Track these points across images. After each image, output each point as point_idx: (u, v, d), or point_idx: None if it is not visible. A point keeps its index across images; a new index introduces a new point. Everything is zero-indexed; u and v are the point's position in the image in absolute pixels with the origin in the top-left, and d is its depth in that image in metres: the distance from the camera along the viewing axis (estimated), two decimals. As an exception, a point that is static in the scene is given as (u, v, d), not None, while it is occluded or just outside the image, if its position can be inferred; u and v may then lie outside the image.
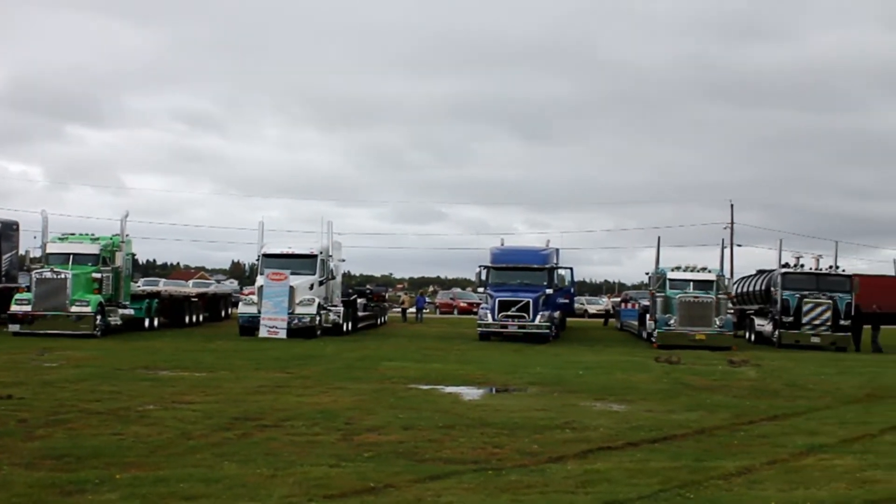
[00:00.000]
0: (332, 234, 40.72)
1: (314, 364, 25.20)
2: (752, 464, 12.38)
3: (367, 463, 11.92)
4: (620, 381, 22.64)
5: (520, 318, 37.60)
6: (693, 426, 15.65)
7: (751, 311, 45.08)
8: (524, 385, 21.68)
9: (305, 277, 37.95)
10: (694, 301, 36.81)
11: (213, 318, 47.17)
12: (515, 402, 19.04)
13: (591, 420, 16.01)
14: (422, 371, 24.04)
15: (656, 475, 11.50)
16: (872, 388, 22.82)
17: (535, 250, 42.90)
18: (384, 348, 32.18)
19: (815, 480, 11.45)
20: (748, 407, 18.44)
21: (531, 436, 14.23)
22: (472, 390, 20.73)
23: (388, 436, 14.01)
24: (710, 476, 11.49)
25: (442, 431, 14.47)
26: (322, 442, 13.38)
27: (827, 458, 12.97)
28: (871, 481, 11.47)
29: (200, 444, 13.01)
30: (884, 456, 13.30)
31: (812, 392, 21.56)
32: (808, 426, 16.11)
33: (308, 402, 17.43)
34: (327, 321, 38.33)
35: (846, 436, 15.07)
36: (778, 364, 29.22)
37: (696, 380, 23.49)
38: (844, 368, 28.07)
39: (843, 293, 39.30)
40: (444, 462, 12.10)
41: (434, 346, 34.15)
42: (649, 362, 28.54)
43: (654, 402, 18.98)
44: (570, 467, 11.89)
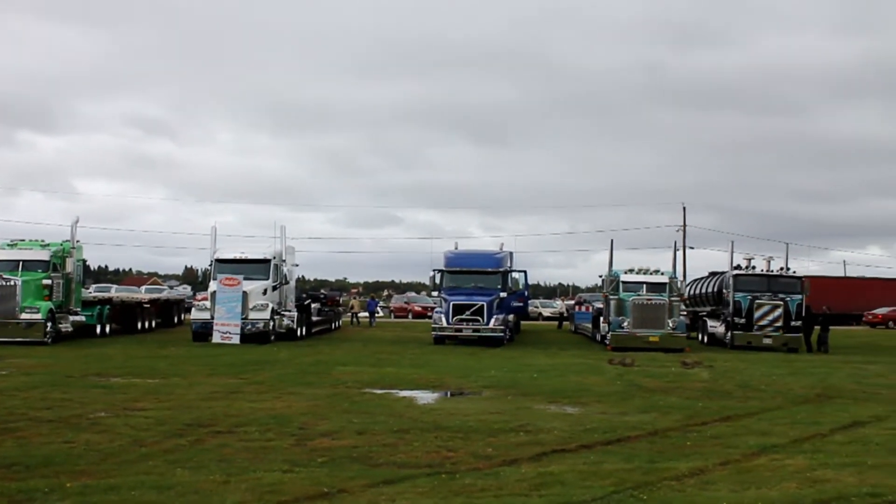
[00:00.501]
0: (285, 239, 40.56)
1: (268, 369, 25.08)
2: (705, 464, 12.45)
3: (320, 468, 11.87)
4: (574, 384, 22.71)
5: (474, 321, 37.61)
6: (646, 428, 15.72)
7: (703, 312, 45.39)
8: (479, 388, 21.69)
9: (259, 282, 37.73)
10: (647, 303, 36.98)
11: (166, 324, 46.84)
12: (470, 405, 19.02)
13: (545, 423, 16.04)
14: (376, 375, 24.00)
15: (610, 477, 11.53)
16: (823, 388, 23.04)
17: (489, 254, 42.97)
18: (338, 353, 32.08)
19: (766, 480, 11.54)
20: (701, 408, 18.57)
21: (485, 439, 14.24)
22: (427, 394, 20.71)
23: (342, 440, 13.96)
24: (663, 477, 11.54)
25: (396, 436, 14.43)
26: (275, 447, 13.30)
27: (778, 458, 13.07)
28: (822, 480, 11.57)
29: (152, 451, 12.89)
30: (834, 455, 13.42)
31: (764, 393, 21.74)
32: (760, 427, 16.24)
33: (261, 408, 17.33)
34: (281, 326, 38.15)
35: (797, 436, 15.21)
36: (730, 365, 29.44)
37: (649, 382, 23.61)
38: (796, 369, 28.31)
39: (795, 294, 39.66)
40: (398, 466, 12.07)
41: (388, 350, 34.09)
42: (603, 365, 28.65)
43: (608, 404, 19.05)
44: (524, 470, 11.90)
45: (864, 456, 13.39)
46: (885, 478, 11.79)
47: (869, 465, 12.62)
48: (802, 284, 40.37)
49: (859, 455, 13.47)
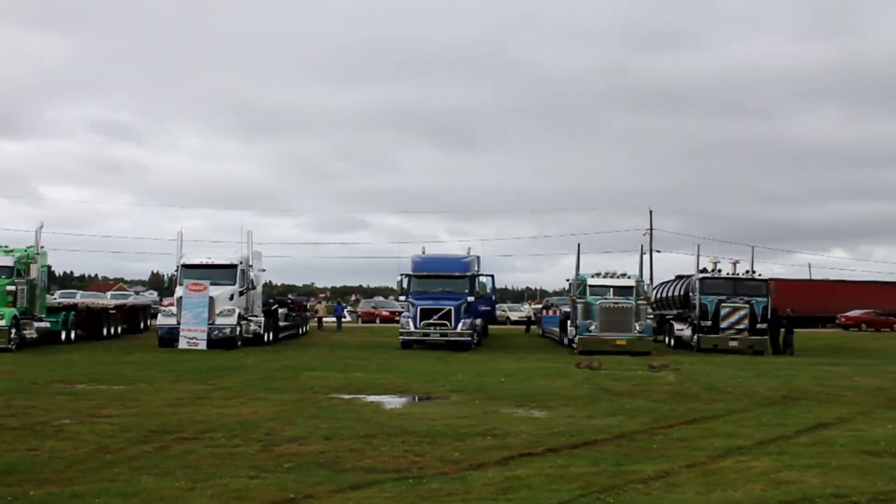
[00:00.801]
0: (252, 244, 40.41)
1: (234, 375, 24.96)
2: (671, 467, 12.50)
3: (287, 474, 11.83)
4: (542, 388, 22.75)
5: (441, 325, 37.61)
6: (613, 431, 15.77)
7: (670, 316, 45.58)
8: (446, 393, 21.69)
9: (225, 288, 37.59)
10: (614, 307, 37.09)
11: (132, 330, 46.50)
12: (437, 410, 18.98)
13: (512, 427, 16.06)
14: (343, 380, 23.93)
15: (576, 480, 11.56)
16: (788, 390, 23.19)
17: (457, 258, 43.00)
18: (305, 358, 31.97)
19: (731, 482, 11.60)
20: (667, 411, 18.65)
21: (452, 443, 14.23)
22: (394, 399, 20.67)
23: (309, 446, 13.92)
24: (630, 480, 11.58)
25: (363, 441, 14.41)
26: (242, 453, 13.25)
27: (744, 460, 13.14)
28: (787, 482, 11.64)
29: (117, 458, 12.81)
30: (799, 457, 13.51)
31: (730, 395, 21.85)
32: (726, 429, 16.33)
33: (228, 414, 17.26)
34: (248, 331, 38.01)
35: (763, 438, 15.30)
36: (697, 368, 29.58)
37: (616, 385, 23.69)
38: (761, 371, 28.47)
39: (760, 297, 39.90)
40: (365, 471, 12.04)
41: (356, 355, 34.01)
42: (570, 368, 28.72)
43: (575, 407, 19.09)
44: (491, 474, 11.91)
45: (829, 457, 13.49)
46: (848, 479, 11.88)
47: (833, 467, 12.71)
48: (768, 287, 40.64)
49: (824, 456, 13.57)
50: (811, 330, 64.81)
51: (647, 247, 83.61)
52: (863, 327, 70.73)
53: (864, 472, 12.33)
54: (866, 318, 72.14)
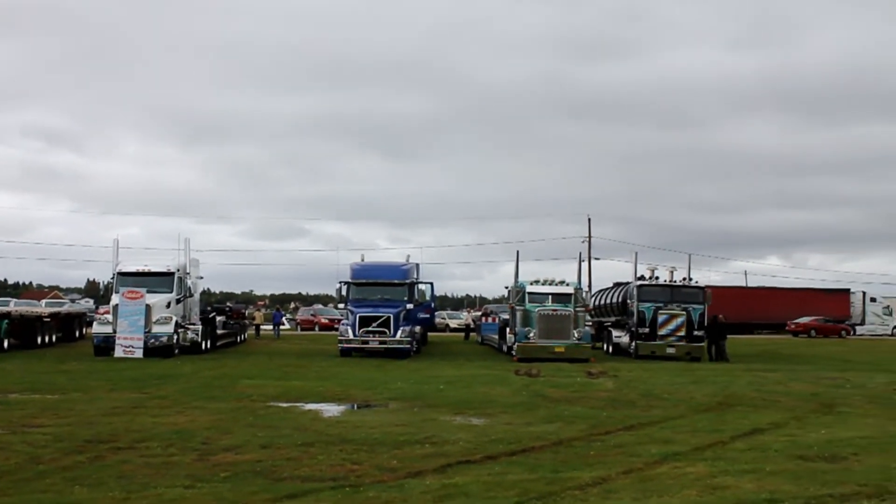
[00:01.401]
0: (189, 252, 40.10)
1: (171, 383, 24.71)
2: (608, 473, 12.55)
3: (223, 483, 11.72)
4: (480, 395, 22.76)
5: (381, 333, 37.55)
6: (551, 438, 15.81)
7: (608, 323, 45.85)
8: (385, 401, 21.63)
9: (162, 296, 37.21)
10: (552, 314, 37.19)
11: (67, 338, 45.88)
12: (375, 417, 18.94)
13: (450, 434, 16.05)
14: (281, 388, 23.78)
15: (514, 487, 11.56)
16: (724, 396, 23.41)
17: (396, 265, 42.94)
18: (243, 366, 31.73)
19: (667, 488, 11.67)
20: (605, 417, 18.74)
21: (390, 451, 14.19)
22: (333, 407, 20.59)
23: (246, 455, 13.80)
24: (567, 487, 11.61)
25: (300, 449, 14.32)
26: (177, 463, 13.10)
27: (680, 466, 13.23)
28: (722, 487, 11.74)
29: (50, 468, 12.61)
30: (734, 462, 13.62)
31: (667, 402, 22.01)
32: (663, 435, 16.43)
33: (164, 423, 17.07)
34: (185, 340, 37.68)
35: (699, 444, 15.41)
36: (634, 375, 29.76)
37: (554, 392, 23.76)
38: (698, 378, 28.72)
39: (697, 304, 40.25)
40: (302, 480, 11.96)
41: (294, 363, 33.82)
42: (509, 375, 28.76)
43: (514, 414, 19.12)
44: (429, 482, 11.88)
45: (764, 462, 13.62)
46: (782, 484, 12.00)
47: (767, 472, 12.84)
48: (704, 294, 41.00)
49: (758, 462, 13.69)
50: (748, 336, 65.62)
51: (586, 254, 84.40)
52: (812, 333, 71.88)
53: (797, 477, 12.46)
54: (816, 324, 73.50)
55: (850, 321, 78.22)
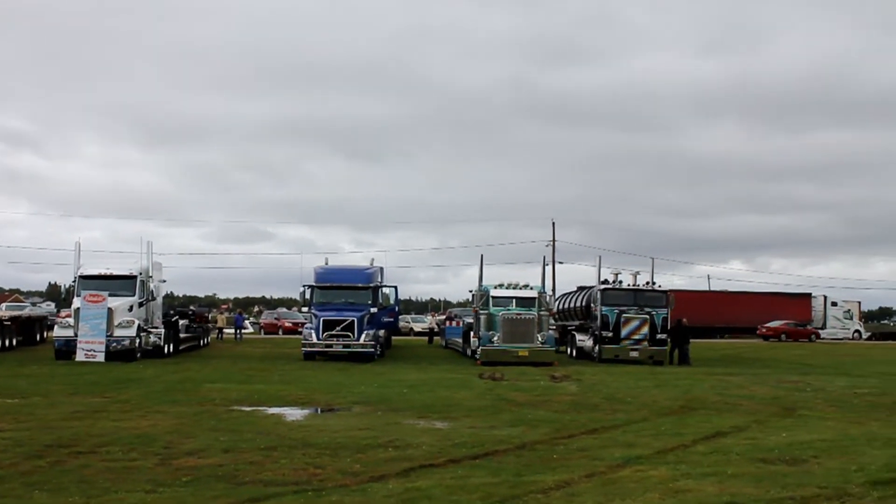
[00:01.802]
0: (151, 255, 39.82)
1: (133, 388, 24.53)
2: (571, 477, 12.57)
3: (184, 488, 11.65)
4: (444, 399, 22.75)
5: (344, 337, 37.48)
6: (514, 441, 15.82)
7: (572, 326, 45.94)
8: (348, 404, 21.57)
9: (124, 299, 36.98)
10: (516, 318, 37.23)
11: (28, 342, 45.33)
12: (339, 421, 18.86)
13: (413, 438, 16.03)
14: (244, 392, 23.67)
15: (477, 491, 11.56)
16: (687, 400, 23.53)
17: (359, 269, 42.89)
18: (206, 370, 31.56)
19: (630, 491, 11.70)
20: (568, 421, 18.78)
21: (353, 455, 14.15)
22: (296, 411, 20.50)
23: (208, 459, 13.72)
24: (530, 490, 11.61)
25: (263, 453, 14.25)
26: (139, 467, 13.00)
27: (642, 470, 13.27)
28: (684, 490, 11.79)
29: (9, 473, 12.48)
30: (696, 465, 13.68)
31: (630, 405, 22.09)
32: (626, 438, 16.49)
33: (125, 427, 16.94)
34: (147, 343, 37.43)
35: (661, 447, 15.47)
36: (598, 378, 29.84)
37: (518, 395, 23.79)
38: (661, 381, 28.83)
39: (660, 308, 40.45)
40: (265, 484, 11.90)
41: (258, 366, 33.68)
42: (473, 379, 28.77)
43: (477, 418, 19.12)
44: (392, 486, 11.85)
45: (725, 465, 13.69)
46: (744, 486, 12.07)
47: (729, 475, 12.90)
48: (668, 298, 41.21)
49: (720, 465, 13.77)
50: (710, 340, 66.03)
51: (550, 258, 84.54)
52: (783, 337, 72.53)
53: (758, 480, 12.53)
54: (786, 328, 74.17)
55: (811, 325, 78.88)
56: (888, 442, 16.47)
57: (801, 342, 71.21)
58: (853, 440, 16.67)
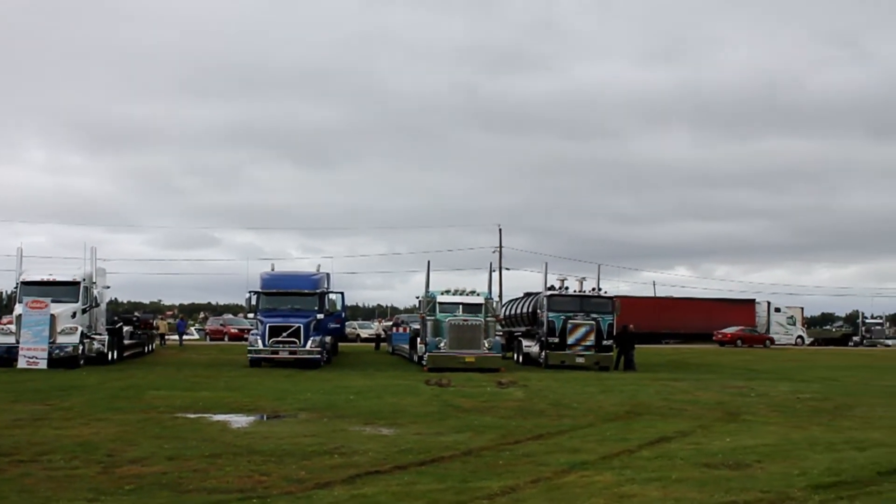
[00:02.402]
0: (95, 261, 39.42)
1: (76, 395, 24.24)
2: (517, 483, 12.58)
3: (127, 496, 11.52)
4: (390, 405, 22.71)
5: (290, 343, 37.30)
6: (461, 447, 15.82)
7: (519, 332, 46.04)
8: (294, 411, 21.46)
9: (67, 305, 36.54)
10: (463, 324, 37.24)
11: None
12: (285, 428, 18.77)
13: (360, 444, 15.97)
14: (189, 399, 23.48)
15: (423, 497, 11.55)
16: (632, 405, 23.66)
17: (306, 275, 42.73)
18: (151, 377, 31.24)
19: (575, 497, 11.75)
20: (514, 427, 18.81)
21: (299, 462, 14.08)
22: (241, 418, 20.36)
23: (152, 467, 13.58)
24: (475, 496, 11.62)
25: (208, 461, 14.14)
26: (81, 476, 12.84)
27: (587, 475, 13.32)
28: (628, 496, 11.84)
29: (-53, 482, 12.30)
30: (640, 470, 13.76)
31: (576, 411, 22.18)
32: (571, 444, 16.55)
33: (68, 435, 16.73)
34: (91, 350, 37.01)
35: (606, 452, 15.53)
36: (544, 384, 29.92)
37: (465, 402, 23.80)
38: (607, 387, 28.98)
39: (606, 314, 40.68)
40: (209, 492, 11.81)
41: (203, 373, 33.42)
42: (419, 385, 28.74)
43: (424, 424, 19.10)
44: (337, 493, 11.80)
45: (669, 470, 13.78)
46: (688, 491, 12.15)
47: (673, 479, 12.99)
48: (613, 304, 41.47)
49: (664, 469, 13.86)
50: (655, 346, 66.48)
51: (497, 264, 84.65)
52: (738, 343, 73.60)
53: (702, 485, 12.63)
54: (742, 334, 75.50)
55: (755, 330, 79.90)
56: (829, 446, 16.67)
57: (757, 347, 72.39)
58: (795, 445, 16.87)
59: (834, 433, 18.75)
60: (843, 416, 22.37)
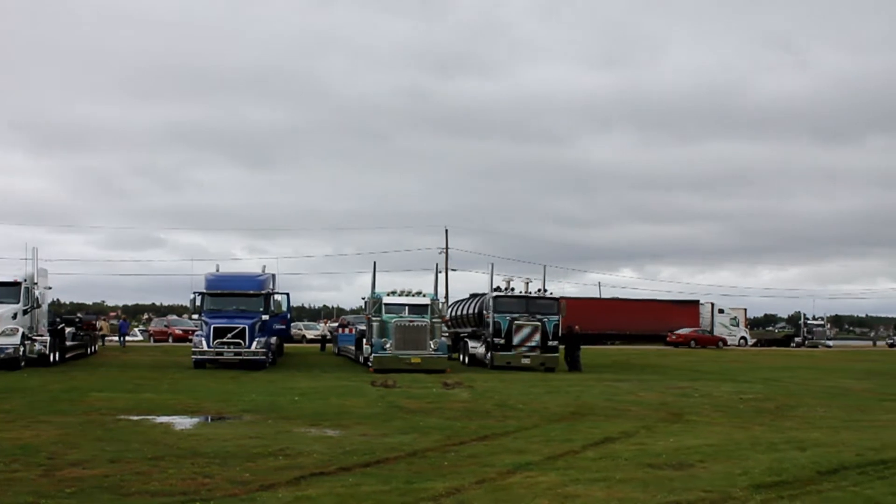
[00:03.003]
0: (37, 261, 38.89)
1: (17, 397, 23.92)
2: (462, 484, 12.59)
3: (68, 499, 11.39)
4: (336, 406, 22.65)
5: (235, 344, 37.06)
6: (406, 449, 15.81)
7: (465, 333, 46.08)
8: (238, 413, 21.33)
9: (8, 306, 36.01)
10: (409, 325, 37.19)
11: None
12: (229, 430, 18.62)
13: (304, 446, 15.91)
14: (132, 401, 23.26)
15: (367, 499, 11.52)
16: (577, 406, 23.79)
17: (251, 276, 42.47)
18: (93, 379, 30.89)
19: (519, 497, 11.77)
20: (460, 428, 18.83)
21: (243, 464, 14.00)
22: (185, 420, 20.18)
23: (93, 469, 13.43)
24: (420, 498, 11.61)
25: (150, 463, 14.01)
26: (21, 479, 12.67)
27: (532, 476, 13.35)
28: (573, 496, 11.89)
29: None
30: (584, 471, 13.83)
31: (521, 412, 22.24)
32: (516, 445, 16.59)
33: (8, 438, 16.53)
34: (32, 352, 36.47)
35: (551, 453, 15.60)
36: (490, 385, 29.98)
37: (410, 403, 23.79)
38: (552, 388, 29.10)
39: (552, 315, 40.83)
40: (151, 495, 11.70)
41: (147, 375, 33.08)
42: (365, 386, 28.69)
43: (369, 426, 19.06)
44: (281, 495, 11.74)
45: (614, 471, 13.86)
46: (631, 491, 12.23)
47: (617, 480, 13.06)
48: (559, 305, 41.62)
49: (609, 470, 13.93)
50: (600, 347, 66.89)
51: (443, 265, 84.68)
52: (692, 344, 74.64)
53: (645, 485, 12.71)
54: (695, 335, 76.65)
55: (707, 332, 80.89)
56: (771, 446, 16.85)
57: (710, 348, 73.46)
58: (738, 445, 17.03)
59: (775, 433, 18.95)
60: (784, 416, 22.67)
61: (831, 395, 29.66)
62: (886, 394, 30.85)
